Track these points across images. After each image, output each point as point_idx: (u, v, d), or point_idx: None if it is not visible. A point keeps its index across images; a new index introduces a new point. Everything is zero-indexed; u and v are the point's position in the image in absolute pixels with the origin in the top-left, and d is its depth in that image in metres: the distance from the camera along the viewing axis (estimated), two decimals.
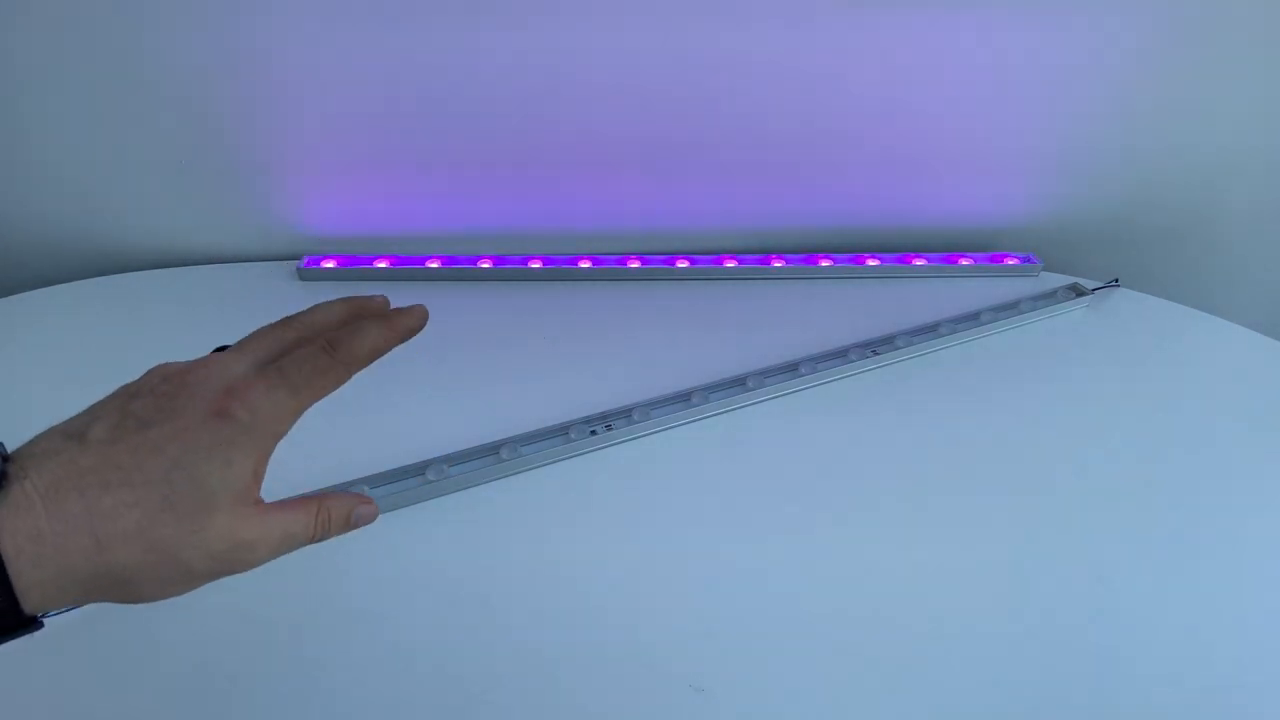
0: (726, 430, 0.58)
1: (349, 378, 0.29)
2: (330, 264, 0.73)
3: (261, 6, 0.59)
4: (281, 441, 0.29)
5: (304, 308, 0.31)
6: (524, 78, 0.64)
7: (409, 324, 0.31)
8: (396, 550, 0.49)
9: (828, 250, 0.77)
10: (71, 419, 0.27)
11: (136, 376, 0.29)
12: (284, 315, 0.31)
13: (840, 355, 0.64)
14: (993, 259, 0.75)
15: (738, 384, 0.61)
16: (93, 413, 0.26)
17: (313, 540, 0.29)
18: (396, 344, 0.31)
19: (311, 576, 0.47)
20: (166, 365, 0.29)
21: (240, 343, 0.30)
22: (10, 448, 0.25)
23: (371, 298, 0.33)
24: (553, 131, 0.68)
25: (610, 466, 0.55)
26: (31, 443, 0.25)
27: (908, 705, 0.42)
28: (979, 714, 0.42)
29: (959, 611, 0.47)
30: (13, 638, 0.23)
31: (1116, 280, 0.73)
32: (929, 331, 0.67)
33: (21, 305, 0.69)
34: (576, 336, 0.67)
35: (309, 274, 0.72)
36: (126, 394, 0.27)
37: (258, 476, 0.27)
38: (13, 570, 0.22)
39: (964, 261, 0.75)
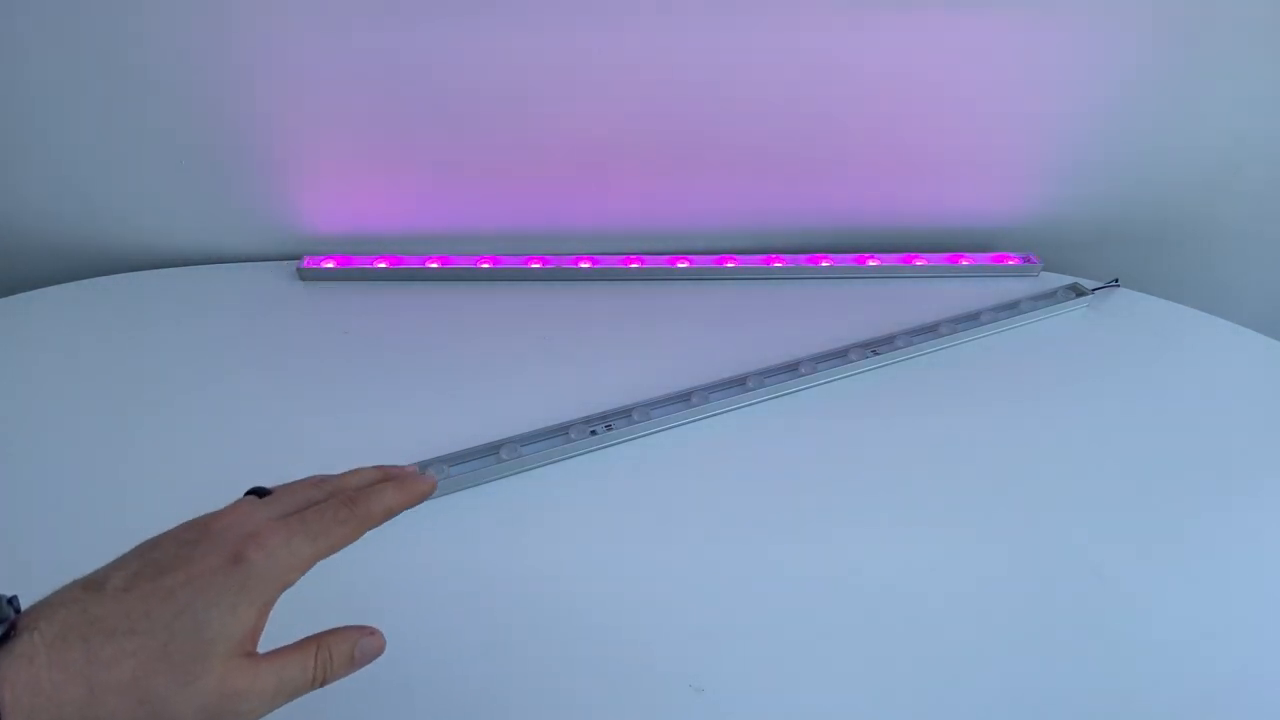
0: (726, 430, 0.58)
1: (363, 533, 0.30)
2: (330, 264, 0.73)
3: (262, 6, 0.58)
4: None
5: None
6: (524, 78, 0.64)
7: (422, 489, 0.33)
8: (396, 550, 0.49)
9: (828, 250, 0.77)
10: (97, 570, 0.26)
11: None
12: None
13: (840, 355, 0.64)
14: (993, 259, 0.75)
15: (738, 384, 0.61)
16: (116, 563, 0.27)
17: (315, 685, 0.29)
18: (409, 506, 0.33)
19: (310, 577, 0.47)
20: (197, 517, 0.29)
21: (269, 496, 0.31)
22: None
23: (402, 468, 0.35)
24: (553, 132, 0.68)
25: (610, 466, 0.55)
26: (52, 594, 0.25)
27: (908, 704, 0.42)
28: (979, 712, 0.42)
29: (958, 610, 0.47)
30: None
31: (1116, 280, 0.74)
32: (929, 331, 0.67)
33: (21, 305, 0.69)
34: (576, 336, 0.67)
35: (309, 274, 0.72)
36: (151, 542, 0.27)
37: (258, 627, 0.27)
38: None
39: (964, 261, 0.75)
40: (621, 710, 0.42)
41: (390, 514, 0.32)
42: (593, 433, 0.56)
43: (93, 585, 0.25)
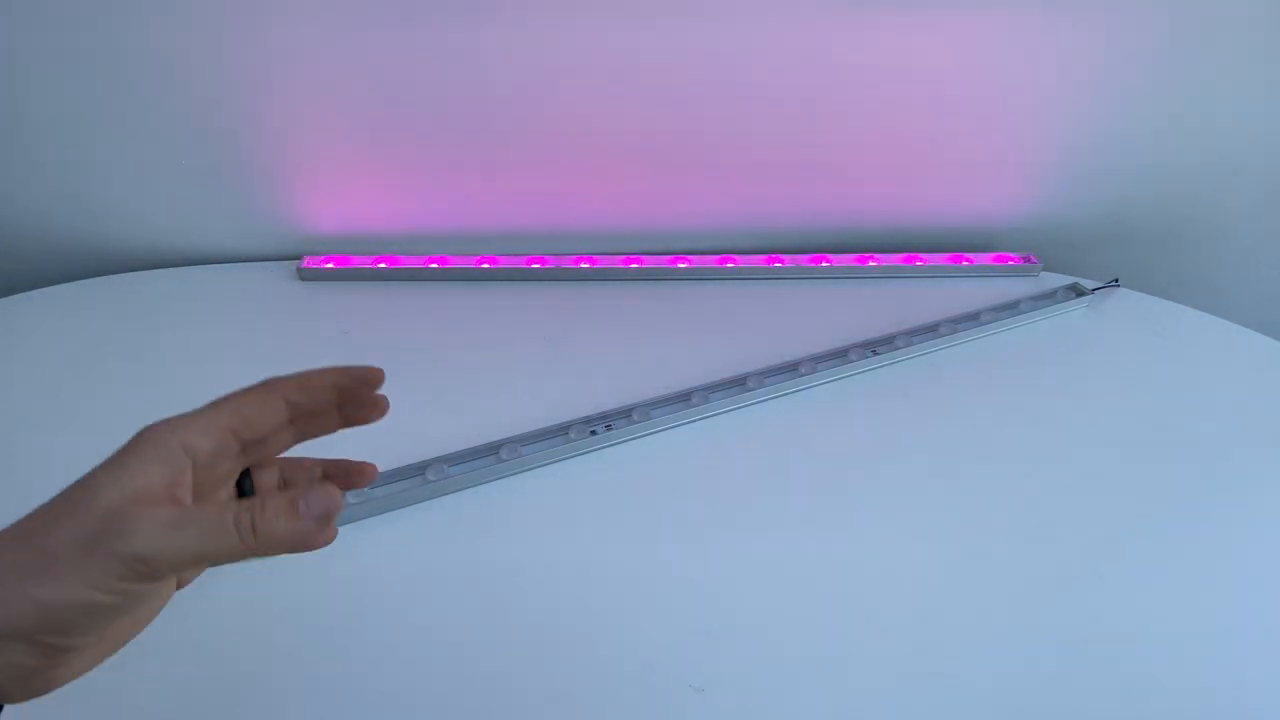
0: (726, 430, 0.58)
1: (278, 400, 0.28)
2: (330, 264, 0.73)
3: (262, 6, 0.59)
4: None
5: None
6: (525, 78, 0.64)
7: (368, 414, 0.31)
8: (397, 550, 0.49)
9: (828, 250, 0.77)
10: None
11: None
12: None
13: (840, 355, 0.64)
14: (993, 259, 0.76)
15: (738, 384, 0.61)
16: None
17: (242, 535, 0.24)
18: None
19: (311, 576, 0.47)
20: None
21: None
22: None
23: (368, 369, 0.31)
24: (553, 131, 0.68)
25: (610, 466, 0.55)
26: None
27: (908, 704, 0.42)
28: (979, 711, 0.42)
29: (958, 610, 0.47)
30: None
31: (1116, 280, 0.74)
32: (929, 331, 0.67)
33: (21, 305, 0.69)
34: (576, 336, 0.67)
35: (309, 274, 0.72)
36: None
37: (168, 494, 0.24)
38: None
39: (964, 261, 0.75)
40: (622, 710, 0.42)
41: (310, 387, 0.29)
42: (593, 433, 0.56)
43: None
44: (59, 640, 0.23)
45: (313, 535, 0.26)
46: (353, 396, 0.30)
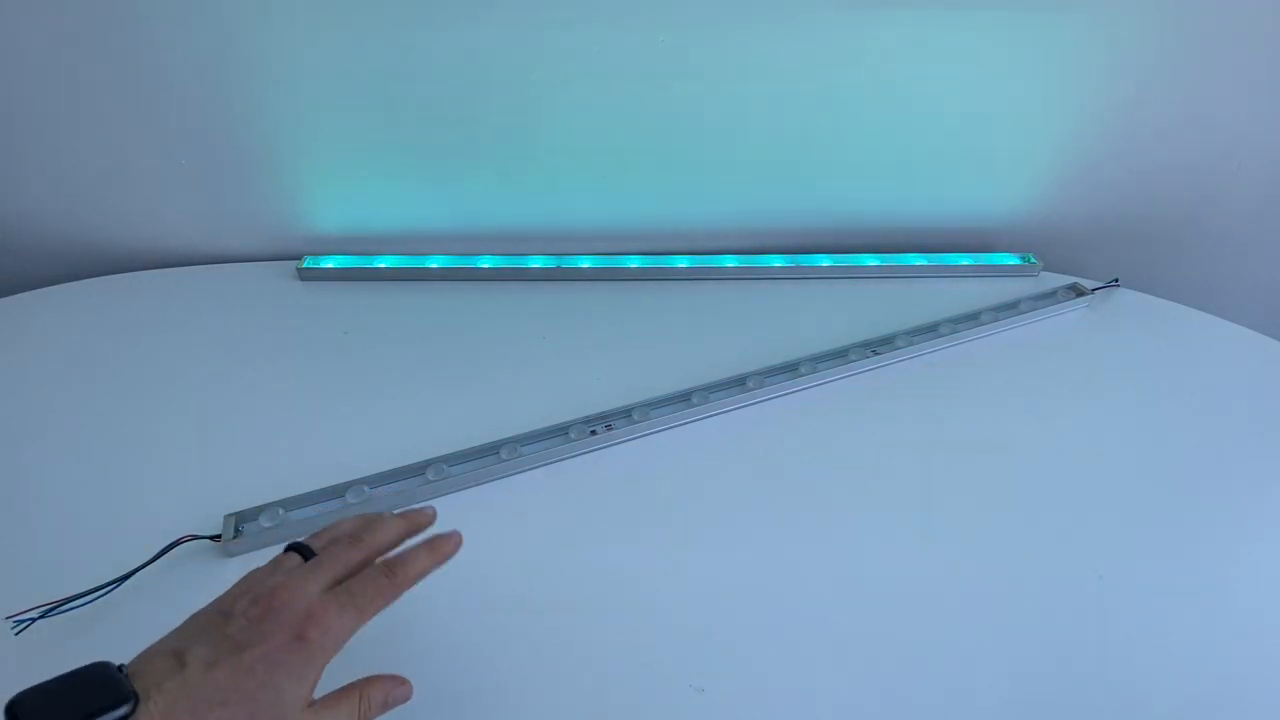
0: (726, 430, 0.58)
1: (400, 596, 0.35)
2: (330, 264, 0.73)
3: (262, 6, 0.59)
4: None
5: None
6: (524, 77, 0.64)
7: (447, 550, 0.38)
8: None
9: (827, 250, 0.77)
10: (168, 637, 0.32)
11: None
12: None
13: (840, 355, 0.64)
14: (992, 259, 0.76)
15: (738, 384, 0.61)
16: (189, 632, 0.32)
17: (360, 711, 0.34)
18: (439, 567, 0.38)
19: None
20: (253, 583, 0.34)
21: (314, 561, 0.35)
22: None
23: (421, 511, 0.41)
24: (554, 131, 0.68)
25: (610, 466, 0.55)
26: (142, 662, 0.30)
27: (908, 704, 0.42)
28: (980, 712, 0.42)
29: (959, 611, 0.47)
30: None
31: (1116, 280, 0.74)
32: (929, 331, 0.67)
33: (21, 305, 0.69)
34: (576, 336, 0.67)
35: (309, 274, 0.72)
36: (220, 613, 0.32)
37: (316, 683, 0.32)
38: None
39: (964, 261, 0.75)
40: (622, 710, 0.42)
41: (423, 576, 0.37)
42: (593, 433, 0.56)
43: (176, 654, 0.30)
44: None
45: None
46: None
